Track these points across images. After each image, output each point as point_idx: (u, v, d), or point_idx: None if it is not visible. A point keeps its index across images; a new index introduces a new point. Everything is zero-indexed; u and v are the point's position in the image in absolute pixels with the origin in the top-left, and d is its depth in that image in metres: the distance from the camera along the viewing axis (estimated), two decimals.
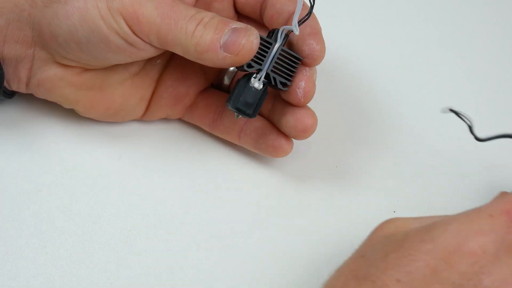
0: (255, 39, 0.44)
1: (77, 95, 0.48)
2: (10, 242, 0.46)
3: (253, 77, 0.45)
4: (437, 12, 0.62)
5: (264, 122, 0.49)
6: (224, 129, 0.50)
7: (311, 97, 0.46)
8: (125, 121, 0.51)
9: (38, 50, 0.46)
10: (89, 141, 0.51)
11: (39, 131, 0.51)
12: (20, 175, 0.49)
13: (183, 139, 0.52)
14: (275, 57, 0.45)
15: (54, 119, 0.51)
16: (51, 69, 0.46)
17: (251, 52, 0.44)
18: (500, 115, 0.56)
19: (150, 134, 0.52)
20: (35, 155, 0.50)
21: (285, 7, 0.47)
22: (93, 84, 0.47)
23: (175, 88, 0.50)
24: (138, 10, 0.43)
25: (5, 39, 0.45)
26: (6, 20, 0.45)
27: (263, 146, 0.49)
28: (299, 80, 0.46)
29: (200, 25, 0.43)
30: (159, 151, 0.51)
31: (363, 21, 0.61)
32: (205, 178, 0.50)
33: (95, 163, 0.50)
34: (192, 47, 0.43)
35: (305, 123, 0.47)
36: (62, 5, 0.44)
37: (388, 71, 0.58)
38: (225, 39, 0.43)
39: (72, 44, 0.44)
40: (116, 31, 0.43)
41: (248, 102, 0.45)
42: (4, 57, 0.46)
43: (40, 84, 0.47)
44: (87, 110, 0.49)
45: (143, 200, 0.49)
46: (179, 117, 0.51)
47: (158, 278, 0.46)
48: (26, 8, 0.45)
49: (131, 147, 0.51)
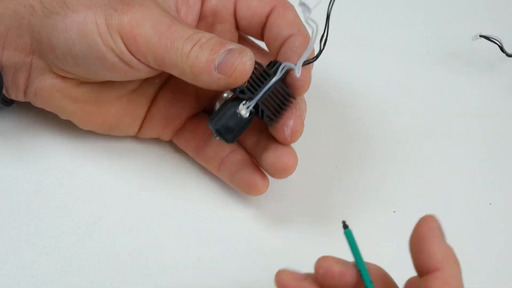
0: (248, 61, 0.42)
1: (73, 108, 0.47)
2: (10, 242, 0.46)
3: (242, 104, 0.43)
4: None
5: (246, 157, 0.48)
6: (206, 157, 0.49)
7: (298, 137, 0.45)
8: (120, 135, 0.50)
9: (36, 59, 0.45)
10: (89, 144, 0.51)
11: (38, 136, 0.51)
12: (20, 176, 0.49)
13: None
14: (269, 91, 0.43)
15: (53, 125, 0.51)
16: (48, 79, 0.46)
17: (244, 74, 0.42)
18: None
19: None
20: (35, 156, 0.50)
21: (282, 32, 0.46)
22: (89, 97, 0.47)
23: (167, 109, 0.49)
24: (135, 29, 0.42)
25: (4, 45, 0.45)
26: (5, 27, 0.45)
27: (238, 181, 0.47)
28: (288, 118, 0.44)
29: (196, 46, 0.42)
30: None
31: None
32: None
33: (95, 163, 0.50)
34: (187, 68, 0.42)
35: (285, 162, 0.45)
36: (61, 18, 0.43)
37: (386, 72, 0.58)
38: (220, 60, 0.42)
39: (69, 58, 0.44)
40: (112, 49, 0.43)
41: (229, 126, 0.43)
42: (2, 64, 0.46)
43: (37, 93, 0.46)
44: (83, 123, 0.49)
45: (143, 200, 0.49)
46: (169, 139, 0.50)
47: (158, 278, 0.46)
48: (26, 16, 0.44)
49: (128, 147, 0.51)
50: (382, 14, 0.62)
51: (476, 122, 0.55)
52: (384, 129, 0.54)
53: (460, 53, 0.59)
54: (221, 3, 0.48)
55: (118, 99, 0.48)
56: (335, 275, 0.38)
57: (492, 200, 0.51)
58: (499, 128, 0.55)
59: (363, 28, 0.61)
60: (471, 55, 0.59)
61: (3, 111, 0.51)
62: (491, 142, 0.54)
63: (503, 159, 0.53)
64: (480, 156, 0.53)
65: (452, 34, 0.60)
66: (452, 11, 0.62)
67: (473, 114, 0.56)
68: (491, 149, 0.54)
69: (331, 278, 0.38)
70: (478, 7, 0.62)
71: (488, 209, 0.51)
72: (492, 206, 0.51)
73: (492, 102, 0.57)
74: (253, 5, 0.47)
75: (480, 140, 0.54)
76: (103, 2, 0.43)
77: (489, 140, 0.54)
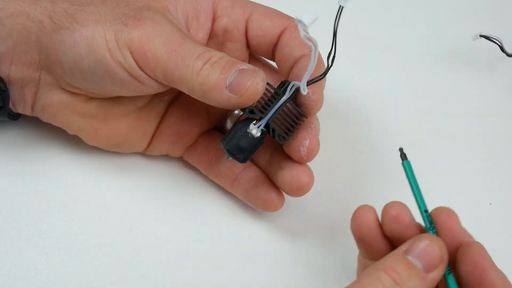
0: (260, 82, 0.42)
1: (81, 123, 0.47)
2: (10, 242, 0.46)
3: (253, 123, 0.43)
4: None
5: (259, 173, 0.48)
6: (219, 174, 0.49)
7: (314, 156, 0.45)
8: (128, 153, 0.50)
9: (44, 74, 0.45)
10: (91, 149, 0.51)
11: (40, 142, 0.51)
12: (20, 176, 0.49)
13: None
14: (279, 110, 0.43)
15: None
16: (56, 94, 0.46)
17: (256, 94, 0.42)
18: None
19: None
20: (35, 157, 0.50)
21: (294, 53, 0.46)
22: (98, 113, 0.47)
23: (178, 125, 0.49)
24: (145, 45, 0.42)
25: (12, 60, 0.45)
26: (13, 42, 0.44)
27: (253, 198, 0.48)
28: (303, 138, 0.45)
29: (207, 64, 0.42)
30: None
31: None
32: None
33: (95, 164, 0.50)
34: (197, 85, 0.42)
35: (302, 181, 0.45)
36: (70, 33, 0.43)
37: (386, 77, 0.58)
38: (231, 80, 0.42)
39: (77, 73, 0.44)
40: (121, 64, 0.43)
41: (241, 146, 0.43)
42: (10, 79, 0.45)
43: (45, 108, 0.46)
44: (91, 139, 0.48)
45: (143, 199, 0.49)
46: (179, 155, 0.50)
47: (158, 278, 0.46)
48: (35, 31, 0.44)
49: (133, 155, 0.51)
50: (382, 13, 0.62)
51: (476, 122, 0.55)
52: (384, 129, 0.54)
53: (460, 53, 0.59)
54: (232, 22, 0.47)
55: (127, 116, 0.48)
56: (404, 222, 0.39)
57: (492, 200, 0.51)
58: (499, 128, 0.55)
59: (364, 27, 0.61)
60: (471, 54, 0.59)
61: (10, 124, 0.51)
62: (491, 142, 0.54)
63: (503, 159, 0.53)
64: (480, 156, 0.53)
65: (453, 33, 0.60)
66: (452, 10, 0.62)
67: (473, 114, 0.56)
68: (491, 149, 0.54)
69: (400, 223, 0.39)
70: (479, 7, 0.62)
71: (488, 209, 0.51)
72: (492, 206, 0.51)
73: (492, 102, 0.57)
74: (265, 25, 0.47)
75: (480, 140, 0.54)
76: (113, 17, 0.43)
77: (489, 140, 0.54)
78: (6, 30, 0.44)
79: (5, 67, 0.45)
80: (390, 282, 0.36)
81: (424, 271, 0.37)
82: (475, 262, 0.37)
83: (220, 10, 0.47)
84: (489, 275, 0.37)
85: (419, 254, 0.37)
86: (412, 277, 0.36)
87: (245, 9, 0.47)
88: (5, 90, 0.45)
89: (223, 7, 0.47)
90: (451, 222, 0.39)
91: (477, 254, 0.38)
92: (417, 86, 0.58)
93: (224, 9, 0.47)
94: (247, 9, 0.47)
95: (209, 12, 0.47)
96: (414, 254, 0.37)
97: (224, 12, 0.47)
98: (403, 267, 0.37)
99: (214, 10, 0.47)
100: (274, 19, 0.47)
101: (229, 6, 0.47)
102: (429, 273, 0.37)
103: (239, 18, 0.47)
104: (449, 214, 0.39)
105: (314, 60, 0.41)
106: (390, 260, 0.37)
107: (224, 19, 0.47)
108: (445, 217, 0.39)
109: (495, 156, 0.53)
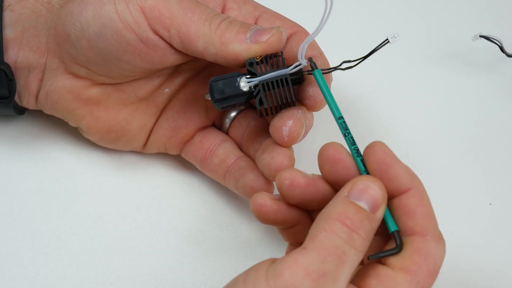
0: (284, 31, 0.43)
1: (82, 111, 0.47)
2: (10, 242, 0.46)
3: (246, 77, 0.44)
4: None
5: (249, 162, 0.47)
6: (212, 167, 0.48)
7: (296, 139, 0.44)
8: (126, 150, 0.50)
9: (50, 58, 0.46)
10: (90, 147, 0.51)
11: (40, 139, 0.51)
12: (20, 176, 0.49)
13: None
14: (275, 78, 0.43)
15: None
16: (60, 80, 0.46)
17: (279, 42, 0.43)
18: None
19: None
20: (36, 157, 0.50)
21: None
22: (100, 100, 0.47)
23: (175, 119, 0.49)
24: (160, 3, 0.43)
25: (20, 46, 0.46)
26: (22, 27, 0.45)
27: (242, 185, 0.46)
28: (288, 117, 0.43)
29: (225, 21, 0.43)
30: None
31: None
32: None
33: (95, 164, 0.50)
34: (216, 37, 0.43)
35: (279, 162, 0.44)
36: (77, 3, 0.44)
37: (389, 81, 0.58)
38: (252, 33, 0.43)
39: (83, 42, 0.44)
40: (130, 25, 0.43)
41: (223, 89, 0.43)
42: (17, 66, 0.46)
43: (49, 95, 0.47)
44: (90, 129, 0.48)
45: (143, 199, 0.49)
46: (177, 152, 0.50)
47: (158, 278, 0.46)
48: (44, 13, 0.45)
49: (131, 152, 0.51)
50: (382, 13, 0.62)
51: (476, 122, 0.55)
52: (383, 128, 0.54)
53: (460, 53, 0.59)
54: (242, 16, 0.47)
55: (128, 105, 0.48)
56: (301, 185, 0.39)
57: (492, 200, 0.51)
58: (499, 128, 0.55)
59: (363, 27, 0.61)
60: (471, 55, 0.59)
61: (10, 124, 0.51)
62: (491, 142, 0.54)
63: (503, 159, 0.53)
64: (480, 156, 0.53)
65: (452, 34, 0.60)
66: (452, 11, 0.62)
67: (473, 114, 0.56)
68: (491, 149, 0.54)
69: (297, 188, 0.39)
70: (479, 7, 0.62)
71: (488, 209, 0.51)
72: (492, 206, 0.51)
73: (492, 102, 0.57)
74: (275, 24, 0.47)
75: (480, 140, 0.54)
76: None
77: (489, 140, 0.54)
78: (15, 16, 0.45)
79: (13, 53, 0.45)
80: (345, 231, 0.35)
81: (371, 212, 0.36)
82: (378, 159, 0.37)
83: (231, 3, 0.47)
84: (393, 168, 0.37)
85: (363, 196, 0.37)
86: (364, 220, 0.36)
87: (256, 8, 0.48)
88: (12, 79, 0.46)
89: (235, 0, 0.48)
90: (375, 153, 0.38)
91: (379, 151, 0.38)
92: (417, 86, 0.57)
93: (235, 3, 0.47)
94: (258, 8, 0.48)
95: (219, 1, 0.47)
96: (358, 197, 0.37)
97: (235, 6, 0.47)
98: (353, 211, 0.36)
99: (225, 1, 0.48)
100: (285, 21, 0.47)
101: (241, 1, 0.48)
102: (375, 213, 0.37)
103: (250, 14, 0.47)
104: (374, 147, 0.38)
105: (324, 20, 0.39)
106: (338, 206, 0.36)
107: (235, 12, 0.47)
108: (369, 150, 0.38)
109: (495, 156, 0.53)
